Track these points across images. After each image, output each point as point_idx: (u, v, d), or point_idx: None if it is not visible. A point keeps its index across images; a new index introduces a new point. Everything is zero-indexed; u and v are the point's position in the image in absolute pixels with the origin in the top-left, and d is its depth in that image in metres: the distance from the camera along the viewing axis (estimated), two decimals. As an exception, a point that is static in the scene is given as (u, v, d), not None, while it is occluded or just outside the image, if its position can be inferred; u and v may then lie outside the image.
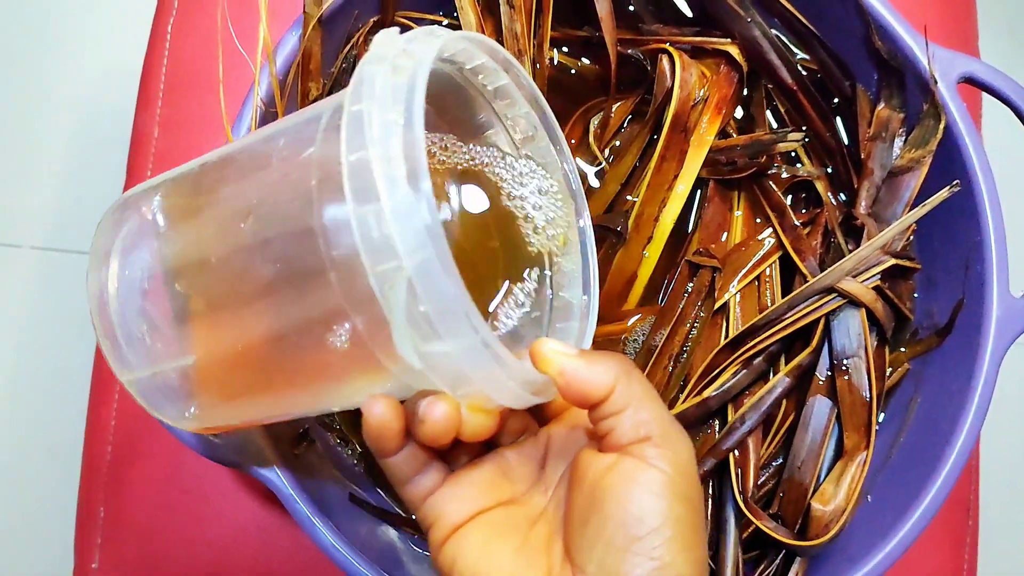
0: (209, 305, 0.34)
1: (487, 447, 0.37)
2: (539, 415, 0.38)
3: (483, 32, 0.50)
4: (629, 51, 0.52)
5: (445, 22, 0.53)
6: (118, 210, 0.38)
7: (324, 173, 0.30)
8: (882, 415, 0.52)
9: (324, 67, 0.49)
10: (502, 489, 0.35)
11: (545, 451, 0.37)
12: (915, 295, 0.52)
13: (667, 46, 0.51)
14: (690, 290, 0.51)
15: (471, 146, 0.39)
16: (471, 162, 0.39)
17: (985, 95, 0.53)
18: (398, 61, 0.31)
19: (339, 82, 0.50)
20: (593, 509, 0.31)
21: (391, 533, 0.51)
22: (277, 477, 0.45)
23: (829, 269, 0.47)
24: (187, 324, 0.35)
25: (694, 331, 0.51)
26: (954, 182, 0.47)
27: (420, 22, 0.53)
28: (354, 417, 0.53)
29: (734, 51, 0.51)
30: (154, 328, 0.35)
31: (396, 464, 0.34)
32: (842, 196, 0.53)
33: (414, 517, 0.36)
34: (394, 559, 0.49)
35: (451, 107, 0.39)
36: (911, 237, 0.51)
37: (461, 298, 0.28)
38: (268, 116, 0.47)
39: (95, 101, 1.07)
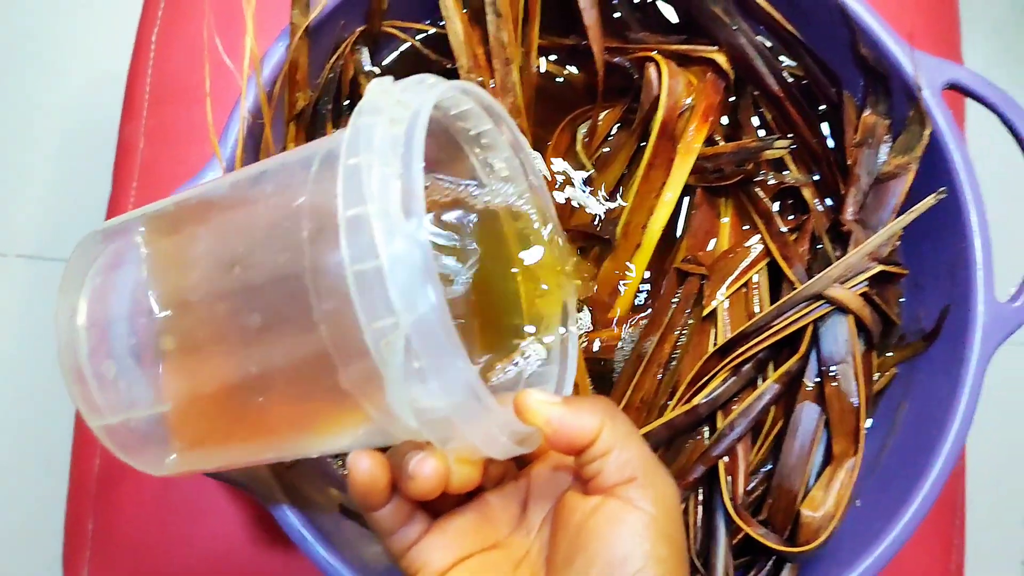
0: (189, 350, 0.33)
1: (469, 492, 0.37)
2: (519, 457, 0.38)
3: (470, 40, 0.50)
4: (616, 59, 0.52)
5: (432, 31, 0.53)
6: (92, 242, 0.37)
7: (316, 225, 0.30)
8: (870, 420, 0.52)
9: (311, 77, 0.49)
10: (485, 534, 0.35)
11: (526, 493, 0.37)
12: (902, 300, 0.53)
13: (654, 54, 0.51)
14: (679, 297, 0.52)
15: (462, 184, 0.39)
16: (462, 201, 0.39)
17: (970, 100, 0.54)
18: (394, 112, 0.31)
19: (327, 92, 0.50)
20: (578, 550, 0.32)
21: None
22: (268, 490, 0.44)
23: (817, 276, 0.47)
24: (163, 368, 0.34)
25: (683, 338, 0.51)
26: (940, 189, 0.47)
27: (406, 31, 0.53)
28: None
29: (721, 59, 0.51)
30: (128, 371, 0.34)
31: (382, 517, 0.34)
32: (829, 202, 0.53)
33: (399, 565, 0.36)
34: (385, 571, 0.49)
35: (431, 149, 0.39)
36: (897, 243, 0.52)
37: (458, 355, 0.28)
38: (255, 128, 0.47)
39: (82, 110, 1.07)
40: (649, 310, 0.52)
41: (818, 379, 0.49)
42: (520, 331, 0.39)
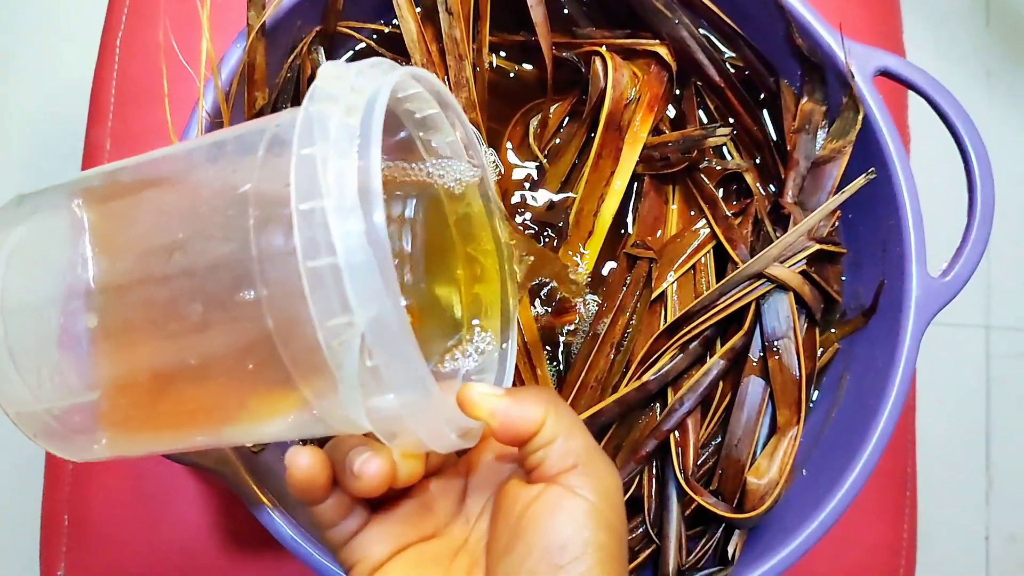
0: (122, 337, 0.32)
1: None
2: None
3: (423, 38, 0.52)
4: (564, 54, 0.54)
5: (386, 30, 0.55)
6: (12, 209, 0.34)
7: (264, 214, 0.29)
8: (816, 393, 0.55)
9: (270, 77, 0.51)
10: (424, 524, 0.35)
11: (465, 482, 0.37)
12: (843, 278, 0.55)
13: (600, 48, 0.53)
14: (629, 281, 0.54)
15: (405, 167, 0.39)
16: (406, 184, 0.38)
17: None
18: (349, 100, 0.30)
19: (285, 91, 0.52)
20: (518, 538, 0.32)
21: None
22: (236, 475, 0.46)
23: (757, 256, 0.49)
24: (93, 355, 0.32)
25: (634, 320, 0.54)
26: (870, 169, 0.50)
27: (361, 31, 0.54)
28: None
29: (663, 51, 0.53)
30: (52, 357, 0.32)
31: (322, 511, 0.34)
32: (771, 187, 0.55)
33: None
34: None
35: None
36: (836, 223, 0.54)
37: (414, 354, 0.28)
38: (215, 127, 0.48)
39: (49, 115, 1.08)
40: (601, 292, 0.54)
41: (762, 354, 0.51)
42: (458, 323, 0.39)
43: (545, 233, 0.55)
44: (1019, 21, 1.22)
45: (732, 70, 0.54)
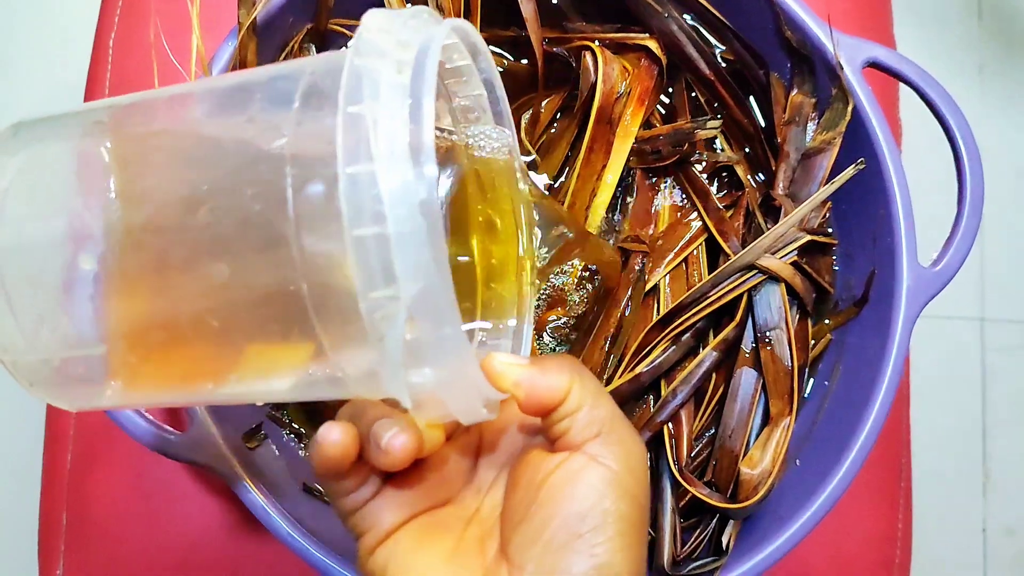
0: (134, 288, 0.30)
1: None
2: None
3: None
4: (555, 49, 0.55)
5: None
6: (8, 138, 0.31)
7: (303, 174, 0.27)
8: (810, 383, 0.55)
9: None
10: (436, 492, 0.35)
11: (478, 449, 0.37)
12: (835, 269, 0.55)
13: (590, 43, 0.54)
14: (622, 274, 0.54)
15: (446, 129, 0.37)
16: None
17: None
18: (398, 55, 0.28)
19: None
20: (536, 507, 0.31)
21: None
22: (231, 471, 0.46)
23: (748, 247, 0.50)
24: (99, 304, 0.30)
25: (627, 313, 0.54)
26: (859, 160, 0.50)
27: (353, 28, 0.55)
28: (307, 412, 0.55)
29: (653, 45, 0.53)
30: (50, 303, 0.30)
31: (340, 483, 0.34)
32: (761, 177, 0.55)
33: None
34: (347, 543, 0.51)
35: None
36: (827, 214, 0.54)
37: (458, 331, 0.27)
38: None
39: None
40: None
41: (754, 345, 0.51)
42: (475, 287, 0.38)
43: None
44: (1012, 15, 1.22)
45: (722, 63, 0.54)
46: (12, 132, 0.32)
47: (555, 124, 0.57)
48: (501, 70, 0.57)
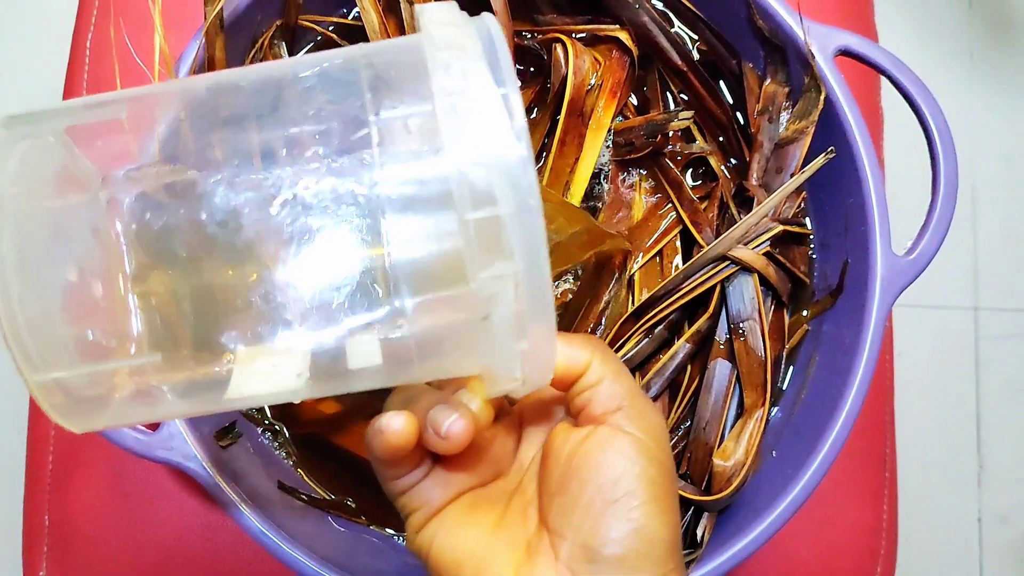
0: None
1: None
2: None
3: (386, 30, 0.52)
4: (526, 42, 0.54)
5: (348, 21, 0.55)
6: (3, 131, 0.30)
7: (388, 178, 0.29)
8: (788, 374, 0.55)
9: (230, 72, 0.51)
10: (483, 470, 0.36)
11: (520, 428, 0.38)
12: (812, 259, 0.55)
13: (561, 35, 0.53)
14: (604, 270, 0.54)
15: None
16: None
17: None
18: (467, 45, 0.30)
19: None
20: (570, 477, 0.32)
21: (321, 518, 0.53)
22: (203, 469, 0.46)
23: (720, 238, 0.49)
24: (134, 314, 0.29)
25: (609, 308, 0.54)
26: (829, 149, 0.50)
27: (322, 24, 0.54)
28: (283, 407, 0.55)
29: (624, 37, 0.53)
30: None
31: (394, 470, 0.35)
32: (733, 162, 0.55)
33: (398, 509, 0.36)
34: (322, 541, 0.51)
35: None
36: (802, 204, 0.54)
37: (552, 298, 0.28)
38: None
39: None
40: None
41: (728, 336, 0.51)
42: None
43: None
44: (1002, 2, 1.21)
45: (695, 54, 0.54)
46: (3, 125, 0.30)
47: (528, 117, 0.57)
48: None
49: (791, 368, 0.54)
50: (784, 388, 0.54)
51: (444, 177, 0.27)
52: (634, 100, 0.57)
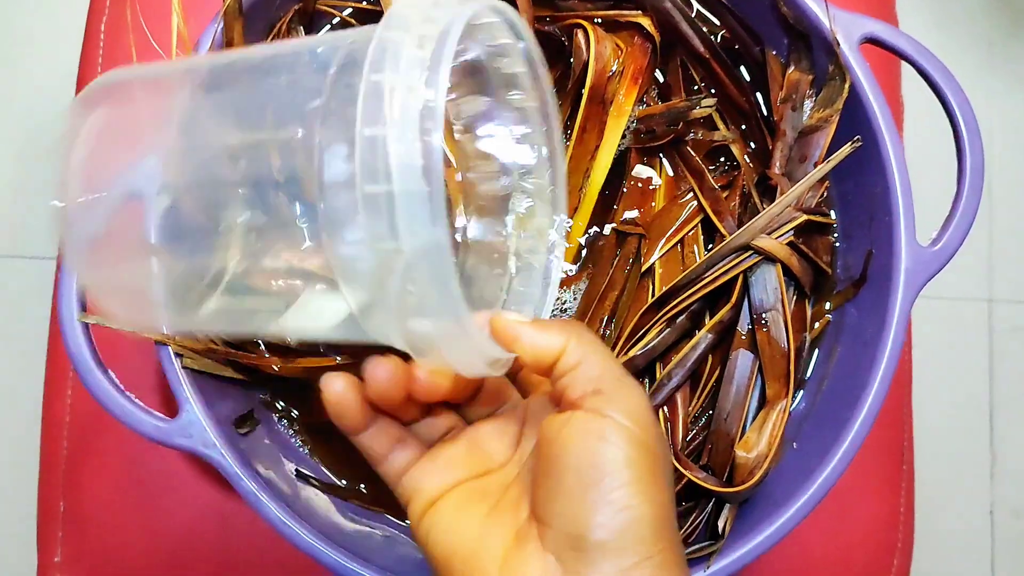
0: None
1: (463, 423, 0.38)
2: (520, 390, 0.40)
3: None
4: (546, 28, 0.54)
5: (365, 5, 0.54)
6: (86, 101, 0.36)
7: (330, 135, 0.31)
8: (811, 365, 0.54)
9: (248, 57, 0.50)
10: (477, 462, 0.36)
11: (522, 426, 0.38)
12: (835, 249, 0.54)
13: (582, 21, 0.53)
14: (619, 257, 0.53)
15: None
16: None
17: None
18: (423, 29, 0.30)
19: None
20: (552, 464, 0.32)
21: (337, 506, 0.52)
22: (222, 457, 0.46)
23: (744, 227, 0.49)
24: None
25: (624, 296, 0.53)
26: (855, 138, 0.49)
27: (341, 9, 0.54)
28: (300, 394, 0.55)
29: (646, 23, 0.52)
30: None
31: (368, 441, 0.35)
32: (752, 146, 0.54)
33: (397, 497, 0.37)
34: (338, 530, 0.51)
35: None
36: (825, 193, 0.53)
37: (453, 288, 0.29)
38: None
39: (38, 105, 1.07)
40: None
41: (751, 327, 0.50)
42: (504, 254, 0.42)
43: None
44: (1020, -10, 1.20)
45: (717, 41, 0.53)
46: (85, 96, 0.36)
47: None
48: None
49: (812, 359, 0.54)
50: (806, 379, 0.53)
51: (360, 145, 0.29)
52: (656, 87, 0.56)
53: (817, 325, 0.53)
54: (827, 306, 0.53)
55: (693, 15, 0.53)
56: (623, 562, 0.30)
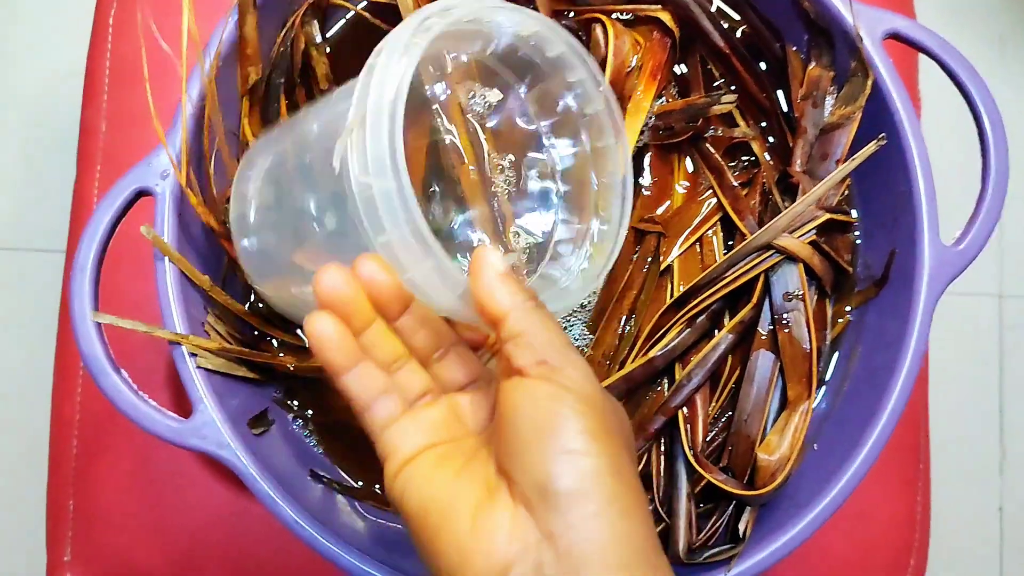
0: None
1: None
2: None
3: (421, 7, 0.51)
4: (564, 22, 0.53)
5: None
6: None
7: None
8: (831, 366, 0.53)
9: (263, 52, 0.50)
10: (455, 428, 0.37)
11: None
12: (855, 248, 0.54)
13: (600, 15, 0.52)
14: (637, 255, 0.53)
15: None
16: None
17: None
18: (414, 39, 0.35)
19: (279, 66, 0.51)
20: (510, 423, 0.33)
21: (352, 506, 0.52)
22: (237, 458, 0.45)
23: (765, 227, 0.48)
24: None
25: (643, 295, 0.52)
26: (880, 136, 0.48)
27: (355, 2, 0.53)
28: (314, 392, 0.54)
29: (666, 17, 0.52)
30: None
31: (353, 384, 0.36)
32: (778, 155, 0.54)
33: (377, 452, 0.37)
34: (353, 531, 0.50)
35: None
36: (846, 192, 0.53)
37: (419, 226, 0.33)
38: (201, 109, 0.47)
39: (46, 99, 1.07)
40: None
41: (771, 327, 0.50)
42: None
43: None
44: (1032, -16, 1.19)
45: (737, 36, 0.53)
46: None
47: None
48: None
49: (832, 360, 0.53)
50: (826, 380, 0.53)
51: None
52: (674, 83, 0.55)
53: (838, 324, 0.52)
54: (848, 306, 0.53)
55: (713, 10, 0.52)
56: (589, 507, 0.31)
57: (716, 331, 0.51)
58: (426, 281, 0.35)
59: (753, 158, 0.54)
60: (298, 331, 0.53)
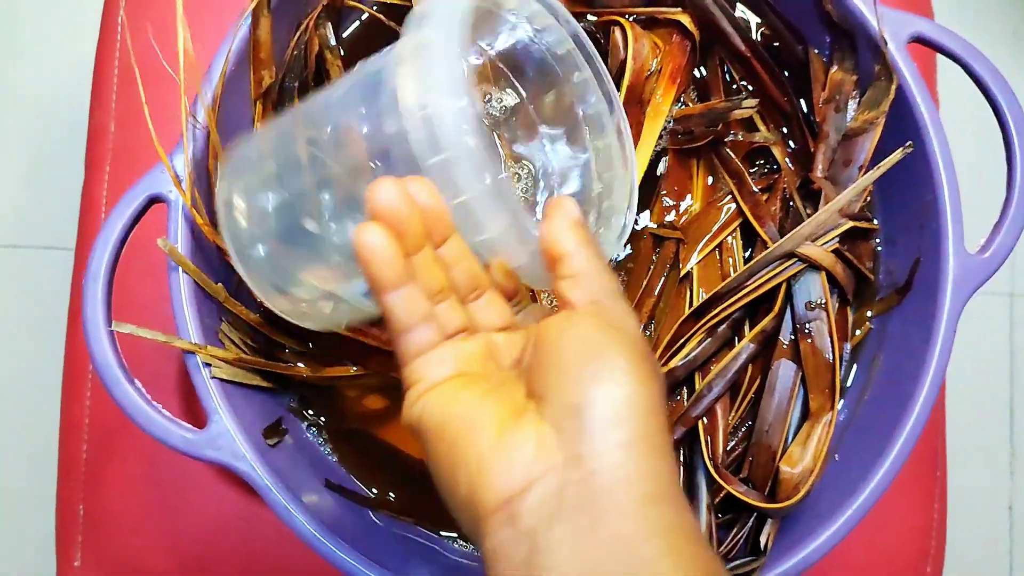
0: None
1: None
2: None
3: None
4: (583, 24, 0.52)
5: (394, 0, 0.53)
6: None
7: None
8: (852, 375, 0.53)
9: (277, 55, 0.49)
10: (487, 365, 0.36)
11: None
12: (877, 255, 0.53)
13: (619, 18, 0.51)
14: (656, 263, 0.52)
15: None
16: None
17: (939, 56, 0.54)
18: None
19: (292, 69, 0.50)
20: (551, 349, 0.33)
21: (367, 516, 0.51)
22: (252, 469, 0.45)
23: (788, 235, 0.47)
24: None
25: (661, 303, 0.52)
26: (907, 143, 0.48)
27: (367, 3, 0.52)
28: (328, 399, 0.53)
29: (686, 20, 0.51)
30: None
31: (396, 303, 0.34)
32: (799, 160, 0.53)
33: (402, 376, 0.36)
34: (370, 542, 0.49)
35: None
36: (868, 198, 0.52)
37: (480, 153, 0.34)
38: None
39: (54, 96, 1.06)
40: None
41: (793, 336, 0.49)
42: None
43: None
44: (1045, -21, 1.18)
45: (758, 39, 0.52)
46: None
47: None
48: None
49: (854, 368, 0.52)
50: (846, 388, 0.52)
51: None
52: (694, 86, 0.54)
53: (858, 333, 0.52)
54: (869, 313, 0.52)
55: (733, 12, 0.51)
56: (621, 435, 0.30)
57: (736, 340, 0.50)
58: (482, 204, 0.35)
59: (773, 163, 0.53)
60: (310, 343, 0.52)
